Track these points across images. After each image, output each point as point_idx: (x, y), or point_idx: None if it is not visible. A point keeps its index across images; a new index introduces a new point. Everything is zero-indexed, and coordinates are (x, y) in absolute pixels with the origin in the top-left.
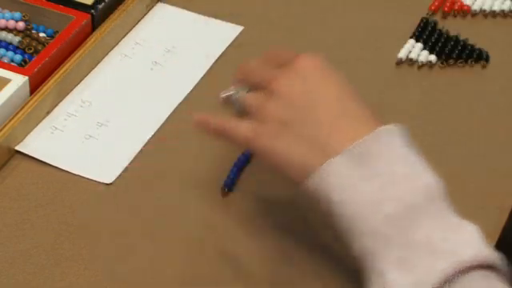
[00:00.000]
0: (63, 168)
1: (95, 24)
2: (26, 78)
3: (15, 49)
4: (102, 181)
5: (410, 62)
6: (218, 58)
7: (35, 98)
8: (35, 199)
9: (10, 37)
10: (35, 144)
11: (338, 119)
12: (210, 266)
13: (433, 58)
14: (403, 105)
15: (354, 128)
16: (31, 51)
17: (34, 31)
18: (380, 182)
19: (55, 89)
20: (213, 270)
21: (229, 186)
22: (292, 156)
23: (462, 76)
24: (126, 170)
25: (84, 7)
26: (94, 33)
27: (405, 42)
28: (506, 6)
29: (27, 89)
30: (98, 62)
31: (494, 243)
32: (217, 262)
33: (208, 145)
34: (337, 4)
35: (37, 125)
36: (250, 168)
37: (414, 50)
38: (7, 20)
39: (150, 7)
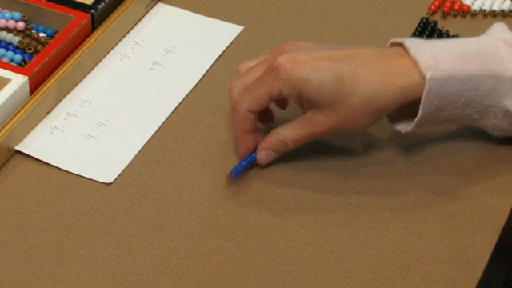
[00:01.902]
0: (63, 168)
1: (95, 24)
2: (26, 78)
3: (15, 49)
4: (102, 181)
5: None
6: (218, 58)
7: (35, 98)
8: (35, 199)
9: (9, 37)
10: (35, 144)
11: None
12: (210, 266)
13: None
14: None
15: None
16: (31, 51)
17: (34, 31)
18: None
19: (55, 89)
20: (213, 270)
21: (235, 174)
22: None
23: None
24: (125, 169)
25: (84, 7)
26: (94, 33)
27: None
28: (505, 6)
29: (27, 89)
30: (98, 62)
31: (495, 243)
32: (217, 261)
33: (208, 145)
34: (337, 4)
35: (37, 125)
36: (252, 169)
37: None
38: (7, 20)
39: (149, 7)
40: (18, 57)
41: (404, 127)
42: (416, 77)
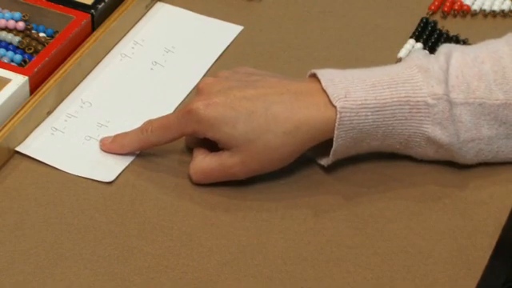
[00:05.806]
0: (63, 169)
1: (95, 24)
2: (26, 78)
3: (15, 49)
4: (102, 180)
5: None
6: (218, 58)
7: (35, 98)
8: (35, 199)
9: (9, 37)
10: (35, 145)
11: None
12: (210, 266)
13: None
14: None
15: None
16: (31, 51)
17: (33, 31)
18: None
19: (55, 89)
20: (213, 270)
21: None
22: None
23: None
24: (126, 169)
25: (84, 7)
26: (94, 33)
27: (405, 42)
28: (505, 6)
29: (27, 89)
30: (98, 62)
31: (495, 243)
32: (217, 261)
33: None
34: (337, 4)
35: (37, 125)
36: None
37: (413, 49)
38: (7, 20)
39: (149, 7)
40: (18, 57)
41: (326, 161)
42: (331, 111)
